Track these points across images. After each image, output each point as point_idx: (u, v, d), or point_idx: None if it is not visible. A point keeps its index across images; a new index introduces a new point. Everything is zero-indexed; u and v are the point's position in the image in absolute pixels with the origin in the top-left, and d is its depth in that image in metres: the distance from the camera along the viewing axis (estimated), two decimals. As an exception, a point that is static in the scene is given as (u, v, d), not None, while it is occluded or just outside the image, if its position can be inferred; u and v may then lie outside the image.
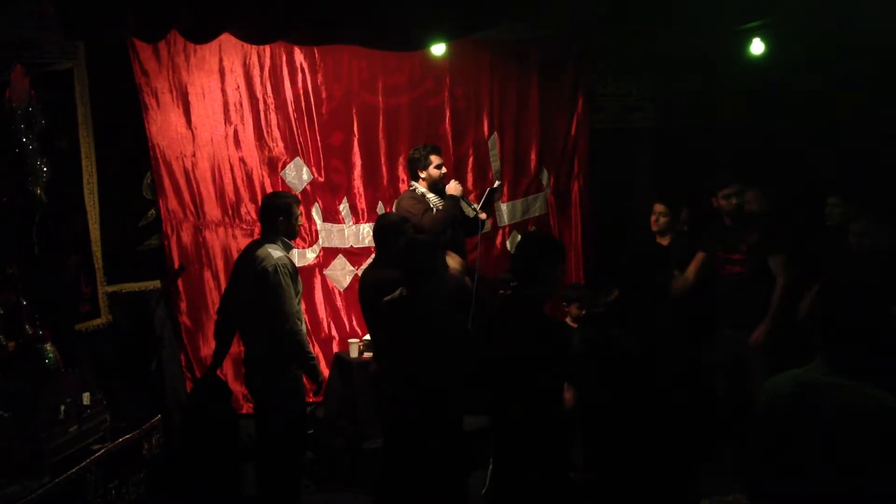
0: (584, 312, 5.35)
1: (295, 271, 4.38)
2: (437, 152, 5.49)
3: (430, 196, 5.40)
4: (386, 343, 4.02)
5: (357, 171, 5.95)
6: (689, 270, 5.30)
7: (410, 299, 3.74)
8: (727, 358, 5.15)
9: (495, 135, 6.40)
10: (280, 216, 4.37)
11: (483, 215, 5.52)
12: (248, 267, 4.37)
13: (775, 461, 2.39)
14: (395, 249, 4.37)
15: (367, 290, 4.70)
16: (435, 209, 5.30)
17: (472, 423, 3.93)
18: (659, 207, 5.67)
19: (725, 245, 5.19)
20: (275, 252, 4.29)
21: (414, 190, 5.44)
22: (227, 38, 5.06)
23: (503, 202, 6.38)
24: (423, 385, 3.64)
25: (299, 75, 5.71)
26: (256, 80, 5.58)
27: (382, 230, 4.82)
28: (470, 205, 5.55)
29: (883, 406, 2.19)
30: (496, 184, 5.73)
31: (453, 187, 5.35)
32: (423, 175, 5.42)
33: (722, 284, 5.22)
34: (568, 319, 5.35)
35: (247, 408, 5.42)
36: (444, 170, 5.44)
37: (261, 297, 4.28)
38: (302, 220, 4.65)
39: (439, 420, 3.63)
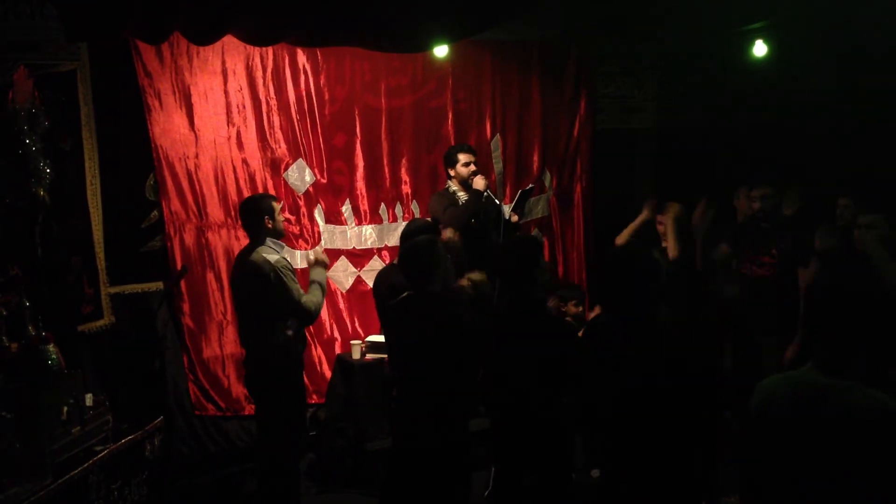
0: (580, 309, 5.38)
1: (293, 269, 4.37)
2: (466, 150, 5.56)
3: (461, 194, 5.46)
4: (394, 344, 4.03)
5: (359, 173, 5.95)
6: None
7: (414, 301, 3.74)
8: (740, 361, 5.12)
9: (498, 136, 6.40)
10: (266, 217, 4.34)
11: (515, 217, 5.57)
12: (244, 275, 4.37)
13: (771, 462, 2.39)
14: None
15: (380, 293, 4.70)
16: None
17: (475, 425, 3.93)
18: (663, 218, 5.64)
19: (755, 245, 5.13)
20: (270, 256, 4.26)
21: (447, 188, 5.55)
22: (229, 40, 5.06)
23: (505, 204, 6.37)
24: (428, 387, 3.64)
25: (302, 77, 5.71)
26: (259, 82, 5.58)
27: (404, 236, 4.82)
28: (494, 199, 5.55)
29: (881, 407, 2.19)
30: (529, 186, 5.73)
31: (478, 182, 5.38)
32: (452, 173, 5.53)
33: (743, 285, 5.17)
34: (568, 319, 5.36)
35: (248, 409, 5.43)
36: (472, 167, 5.47)
37: (262, 301, 4.28)
38: (284, 217, 4.64)
39: (445, 420, 3.64)
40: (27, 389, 3.54)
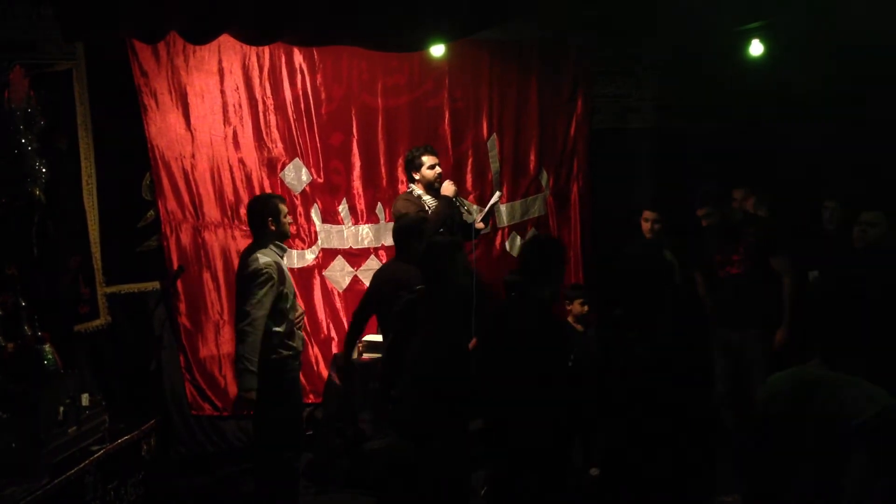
0: (586, 309, 5.35)
1: (282, 277, 4.29)
2: (430, 153, 5.36)
3: (426, 198, 5.28)
4: (395, 343, 4.01)
5: (356, 172, 5.94)
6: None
7: (428, 299, 3.74)
8: (727, 360, 5.14)
9: (494, 136, 6.40)
10: (269, 218, 4.31)
11: (481, 225, 5.49)
12: (238, 274, 4.38)
13: (773, 458, 2.39)
14: (415, 250, 4.35)
15: (382, 288, 4.65)
16: (429, 211, 5.25)
17: (473, 424, 3.93)
18: (649, 214, 5.65)
19: (723, 249, 5.16)
20: (262, 257, 4.22)
21: (410, 192, 5.34)
22: (226, 39, 5.06)
23: (502, 203, 6.38)
24: (433, 387, 3.64)
25: (298, 76, 5.71)
26: (256, 81, 5.58)
27: (401, 231, 4.76)
28: (464, 204, 5.50)
29: (874, 401, 2.19)
30: (496, 194, 5.66)
31: (447, 188, 5.26)
32: (417, 176, 5.31)
33: (721, 286, 5.20)
34: (570, 318, 5.35)
35: (246, 409, 5.43)
36: (437, 170, 5.30)
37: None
38: (291, 218, 4.62)
39: (447, 420, 3.64)
40: (24, 389, 3.54)
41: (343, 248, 5.93)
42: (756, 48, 6.09)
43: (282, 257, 4.38)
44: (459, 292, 3.82)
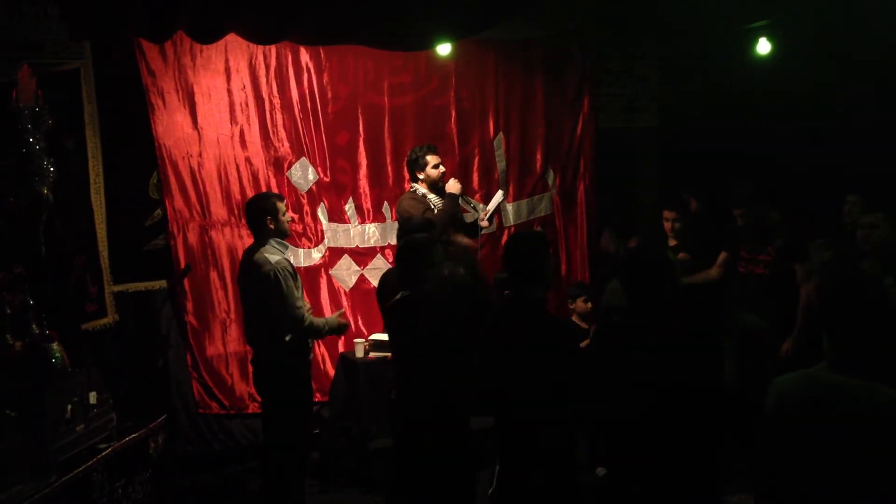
0: (590, 306, 5.36)
1: (294, 272, 4.36)
2: (434, 152, 5.37)
3: (431, 196, 5.29)
4: (393, 344, 4.02)
5: (363, 171, 5.95)
6: (714, 268, 5.34)
7: (410, 300, 3.73)
8: (738, 358, 5.13)
9: (501, 135, 6.40)
10: (268, 216, 4.33)
11: (485, 224, 5.48)
12: (248, 274, 4.38)
13: (784, 459, 2.38)
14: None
15: (383, 293, 4.65)
16: (435, 209, 5.25)
17: (478, 423, 3.92)
18: (669, 214, 5.64)
19: (751, 244, 5.14)
20: (272, 256, 4.26)
21: (414, 191, 5.34)
22: (233, 39, 5.07)
23: (508, 202, 6.38)
24: (427, 386, 3.64)
25: (305, 75, 5.71)
26: (262, 81, 5.59)
27: (402, 232, 4.75)
28: (469, 202, 5.50)
29: (892, 402, 2.18)
30: (500, 193, 5.64)
31: (452, 185, 5.27)
32: (421, 176, 5.31)
33: (742, 283, 5.18)
34: (574, 317, 5.35)
35: (252, 407, 5.44)
36: (442, 169, 5.32)
37: (265, 301, 4.28)
38: (291, 216, 4.63)
39: (444, 420, 3.63)
40: (31, 388, 3.54)
41: (349, 247, 5.93)
42: (763, 47, 6.09)
43: (283, 255, 4.40)
44: (441, 291, 3.77)
